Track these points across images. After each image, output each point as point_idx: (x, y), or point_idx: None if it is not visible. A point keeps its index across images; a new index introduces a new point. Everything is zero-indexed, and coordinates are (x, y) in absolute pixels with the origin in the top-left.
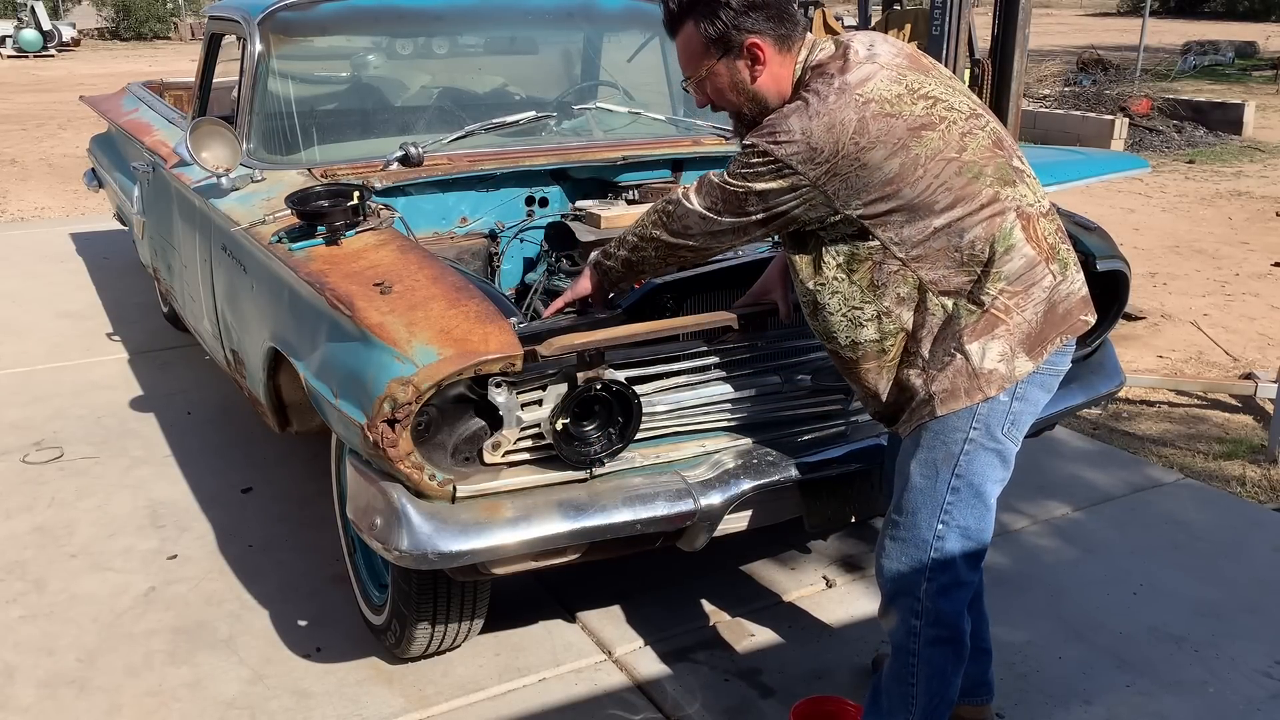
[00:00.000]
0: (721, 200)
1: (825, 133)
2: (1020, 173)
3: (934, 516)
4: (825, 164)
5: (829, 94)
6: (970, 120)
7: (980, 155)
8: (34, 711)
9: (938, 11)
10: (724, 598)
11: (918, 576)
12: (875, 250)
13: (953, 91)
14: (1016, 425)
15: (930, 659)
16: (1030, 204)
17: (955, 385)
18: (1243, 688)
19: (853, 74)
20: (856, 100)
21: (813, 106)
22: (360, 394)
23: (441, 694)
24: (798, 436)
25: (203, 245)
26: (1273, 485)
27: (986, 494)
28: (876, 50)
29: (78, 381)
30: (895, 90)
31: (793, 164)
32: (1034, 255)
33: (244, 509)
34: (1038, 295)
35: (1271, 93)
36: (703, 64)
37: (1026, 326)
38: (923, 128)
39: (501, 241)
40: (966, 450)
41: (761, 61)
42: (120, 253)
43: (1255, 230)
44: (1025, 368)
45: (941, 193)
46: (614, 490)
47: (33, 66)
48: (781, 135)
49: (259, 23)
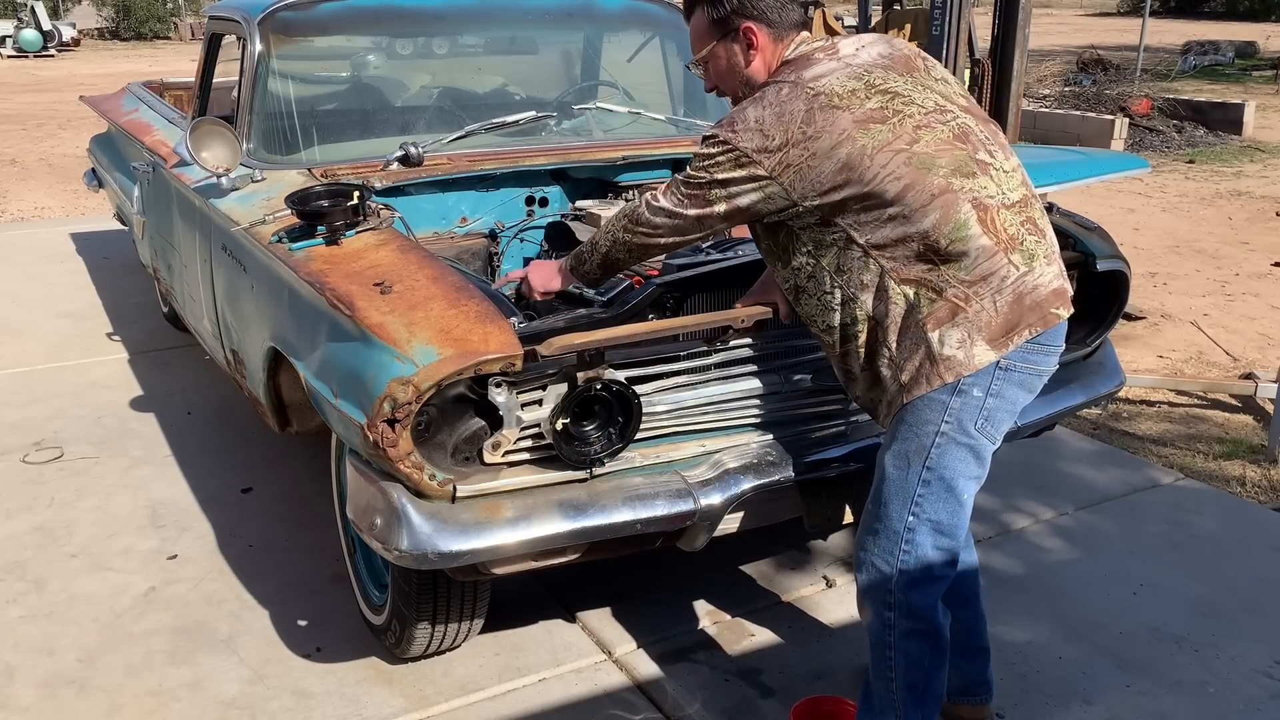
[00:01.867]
0: (686, 194)
1: (775, 121)
2: (985, 165)
3: (904, 508)
4: (777, 152)
5: (784, 87)
6: (932, 115)
7: (935, 148)
8: (34, 711)
9: (938, 11)
10: (724, 598)
11: (889, 569)
12: (839, 236)
13: (923, 90)
14: (991, 422)
15: (907, 651)
16: (990, 196)
17: (919, 373)
18: (1243, 688)
19: (811, 69)
20: (807, 93)
21: (768, 98)
22: (360, 394)
23: (441, 694)
24: (797, 436)
25: (203, 245)
26: (1273, 485)
27: (958, 489)
28: (861, 53)
29: (78, 381)
30: (849, 86)
31: (749, 153)
32: (990, 245)
33: (244, 509)
34: (996, 285)
35: (1271, 93)
36: (705, 45)
37: (986, 316)
38: (870, 120)
39: (501, 241)
40: (938, 443)
41: (755, 47)
42: (120, 253)
43: (1255, 230)
44: (986, 357)
45: (890, 182)
46: (614, 490)
47: (33, 66)
48: (739, 124)
49: (259, 23)
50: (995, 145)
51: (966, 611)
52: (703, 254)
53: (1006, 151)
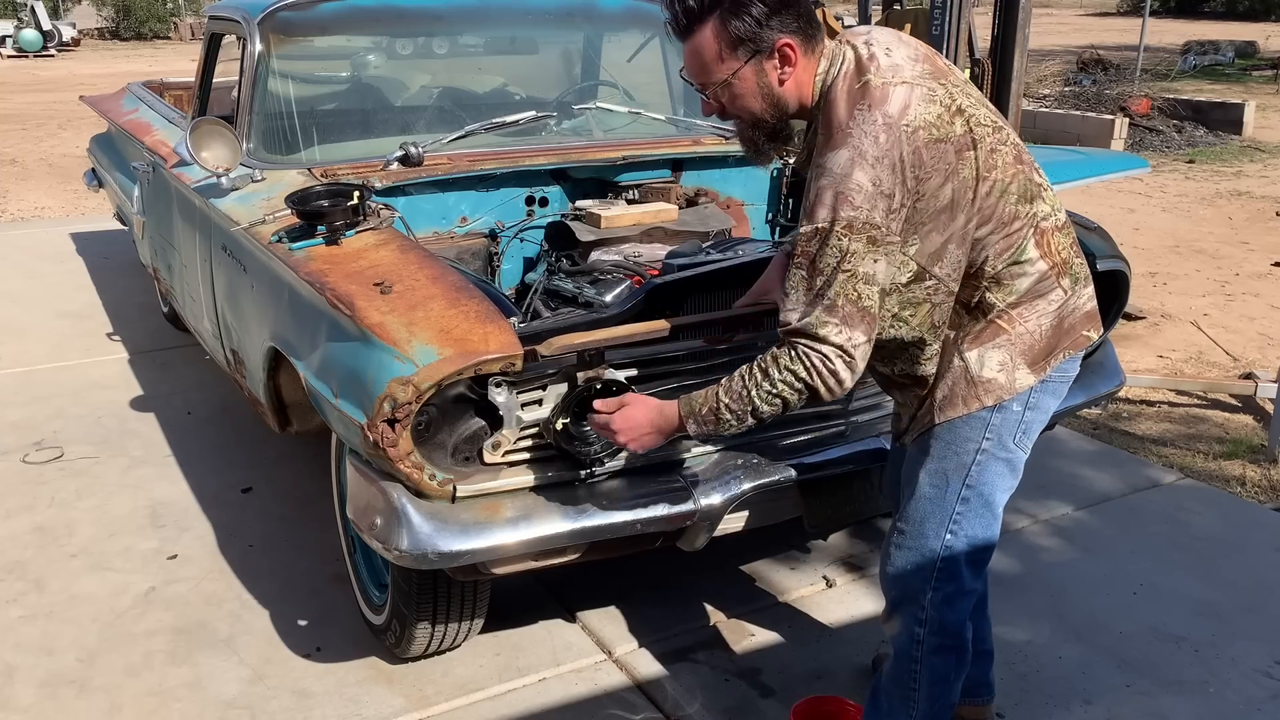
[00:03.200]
0: (843, 317)
1: (891, 176)
2: (1040, 187)
3: (943, 526)
4: (901, 210)
5: (878, 132)
6: (995, 135)
7: (1006, 173)
8: (34, 711)
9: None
10: (724, 598)
11: (923, 585)
12: (933, 290)
13: (973, 101)
14: (1028, 434)
15: (934, 666)
16: (1045, 217)
17: (954, 392)
18: (1243, 688)
19: (892, 103)
20: (904, 132)
21: (867, 152)
22: (360, 394)
23: (441, 694)
24: (798, 436)
25: (203, 245)
26: (1273, 485)
27: (996, 503)
28: (896, 59)
29: (78, 381)
30: (935, 111)
31: (880, 224)
32: (1046, 269)
33: (244, 509)
34: (1044, 308)
35: (1271, 93)
36: (725, 67)
37: (1030, 339)
38: (965, 148)
39: (501, 241)
40: (979, 460)
41: (792, 63)
42: (120, 253)
43: (1255, 230)
44: (1026, 381)
45: (984, 213)
46: (614, 490)
47: (33, 66)
48: (854, 193)
49: (259, 23)
50: (1034, 162)
51: (975, 616)
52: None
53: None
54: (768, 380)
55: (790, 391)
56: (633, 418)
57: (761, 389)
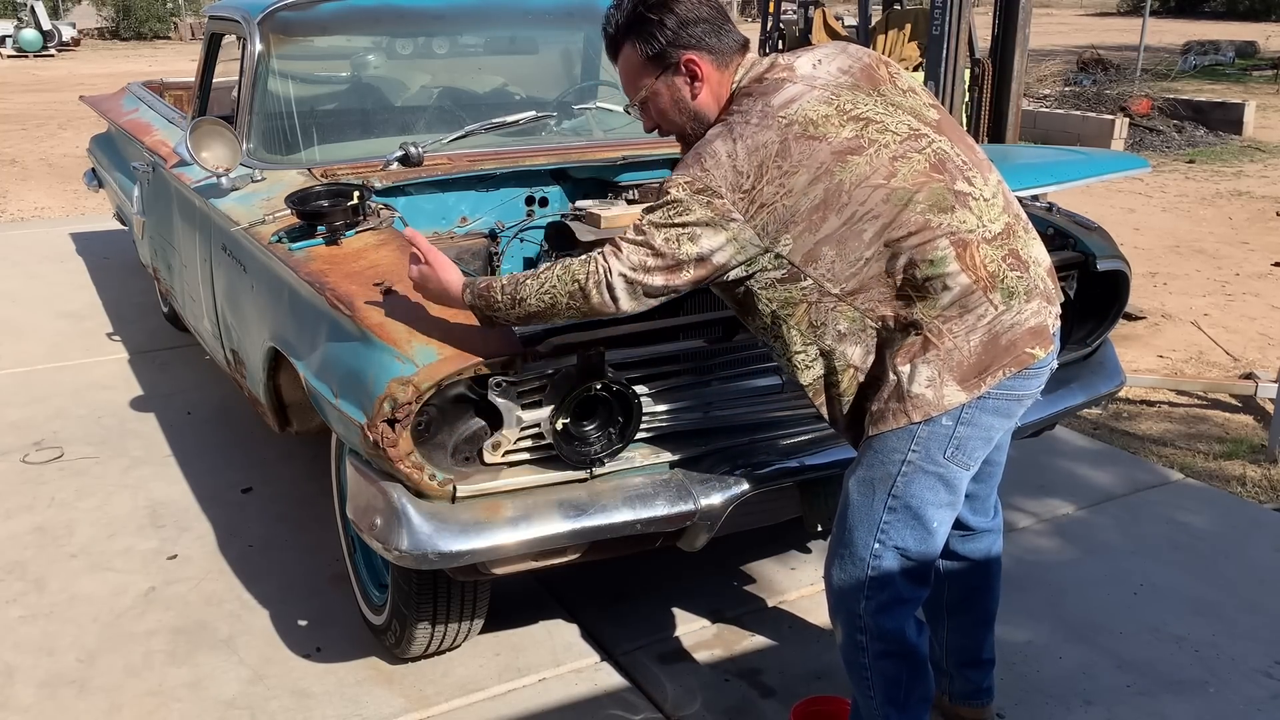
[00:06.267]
0: (648, 255)
1: (748, 155)
2: (964, 196)
3: (870, 535)
4: (751, 191)
5: (752, 116)
6: (906, 143)
7: (912, 180)
8: (34, 711)
9: (938, 11)
10: (724, 598)
11: (856, 593)
12: (809, 290)
13: (894, 111)
14: (963, 450)
15: (883, 670)
16: (970, 230)
17: (886, 406)
18: (1243, 688)
19: (778, 95)
20: (779, 122)
21: (736, 130)
22: (360, 394)
23: (441, 694)
24: (798, 436)
25: (203, 245)
26: (1273, 485)
27: (926, 517)
28: (821, 69)
29: (78, 381)
30: (823, 111)
31: (723, 192)
32: (968, 283)
33: (244, 509)
34: (971, 323)
35: (1271, 93)
36: (642, 83)
37: (959, 355)
38: (849, 152)
39: (501, 241)
40: (904, 472)
41: (700, 78)
42: (120, 253)
43: (1255, 230)
44: (956, 398)
45: (868, 221)
46: (614, 490)
47: (33, 66)
48: (707, 160)
49: (259, 23)
50: (973, 169)
51: (982, 630)
52: None
53: (985, 172)
54: (550, 275)
55: (562, 291)
56: (430, 276)
57: (538, 279)
